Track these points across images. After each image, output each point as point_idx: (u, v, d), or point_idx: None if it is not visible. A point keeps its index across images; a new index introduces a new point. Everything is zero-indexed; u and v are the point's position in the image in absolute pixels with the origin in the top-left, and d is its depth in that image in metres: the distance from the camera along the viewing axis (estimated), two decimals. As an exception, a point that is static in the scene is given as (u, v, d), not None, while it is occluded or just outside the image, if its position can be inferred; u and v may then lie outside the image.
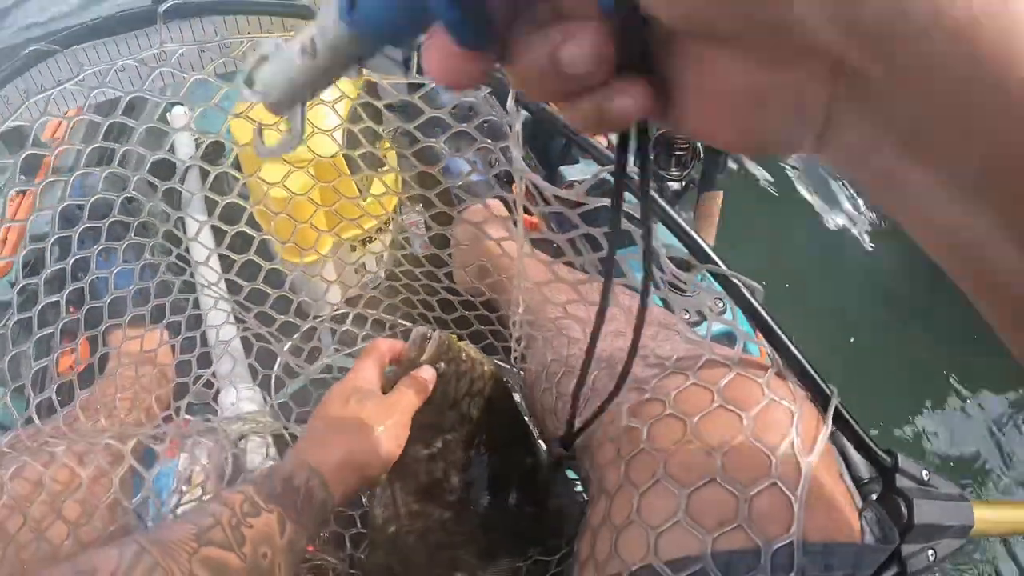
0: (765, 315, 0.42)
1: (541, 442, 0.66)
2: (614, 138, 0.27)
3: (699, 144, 0.74)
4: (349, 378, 0.56)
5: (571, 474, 0.64)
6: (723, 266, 0.43)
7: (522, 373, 0.67)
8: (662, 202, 0.47)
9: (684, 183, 0.75)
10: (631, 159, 0.24)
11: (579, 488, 0.64)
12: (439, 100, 0.63)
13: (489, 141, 0.59)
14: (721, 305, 0.62)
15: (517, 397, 0.66)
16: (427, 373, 0.55)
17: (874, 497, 0.40)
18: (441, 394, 0.57)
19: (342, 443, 0.50)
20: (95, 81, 0.51)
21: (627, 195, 0.26)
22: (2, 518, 0.46)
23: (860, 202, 1.60)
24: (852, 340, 1.40)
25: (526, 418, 0.67)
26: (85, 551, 0.48)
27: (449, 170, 0.69)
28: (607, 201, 0.30)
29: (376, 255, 0.80)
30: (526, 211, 0.55)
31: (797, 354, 0.41)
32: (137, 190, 0.62)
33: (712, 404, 0.38)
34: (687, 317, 0.62)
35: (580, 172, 0.90)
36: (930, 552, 0.40)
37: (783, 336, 0.42)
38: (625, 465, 0.40)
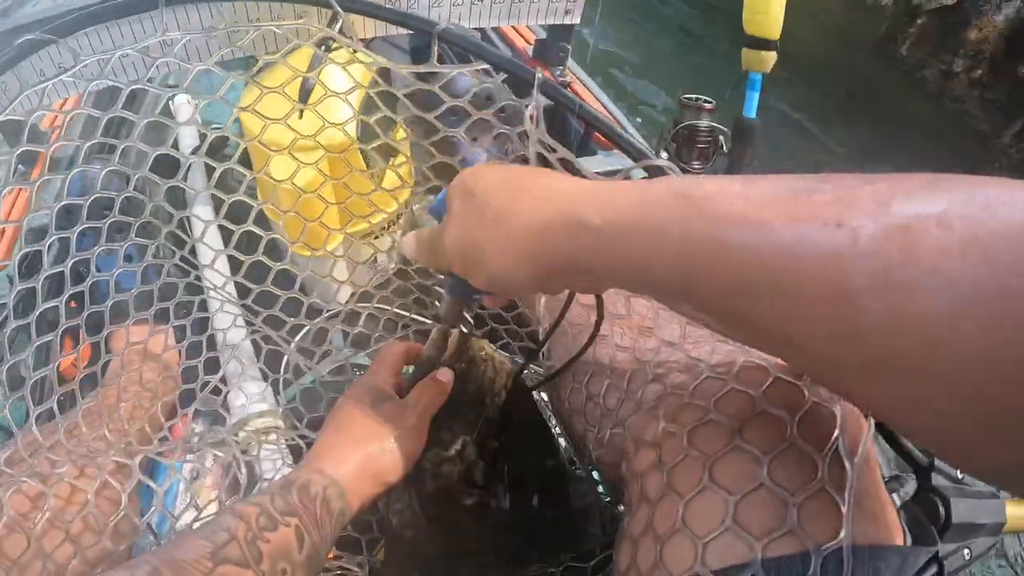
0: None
1: (563, 441, 0.64)
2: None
3: (721, 137, 0.72)
4: (363, 381, 0.54)
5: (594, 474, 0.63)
6: None
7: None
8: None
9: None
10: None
11: (600, 489, 0.63)
12: (456, 87, 0.61)
13: (507, 128, 0.57)
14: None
15: (536, 395, 0.64)
16: (445, 375, 0.54)
17: (904, 495, 0.40)
18: (460, 394, 0.55)
19: (358, 450, 0.48)
20: (95, 70, 0.48)
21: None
22: (0, 537, 0.44)
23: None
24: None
25: (547, 418, 0.65)
26: (94, 573, 0.45)
27: (467, 162, 0.67)
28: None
29: (387, 251, 0.77)
30: None
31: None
32: (140, 184, 0.59)
33: (755, 409, 0.37)
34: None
35: (599, 164, 0.88)
36: (966, 551, 0.40)
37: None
38: (667, 473, 0.38)
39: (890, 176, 0.25)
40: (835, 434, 0.34)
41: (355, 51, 0.54)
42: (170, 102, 0.79)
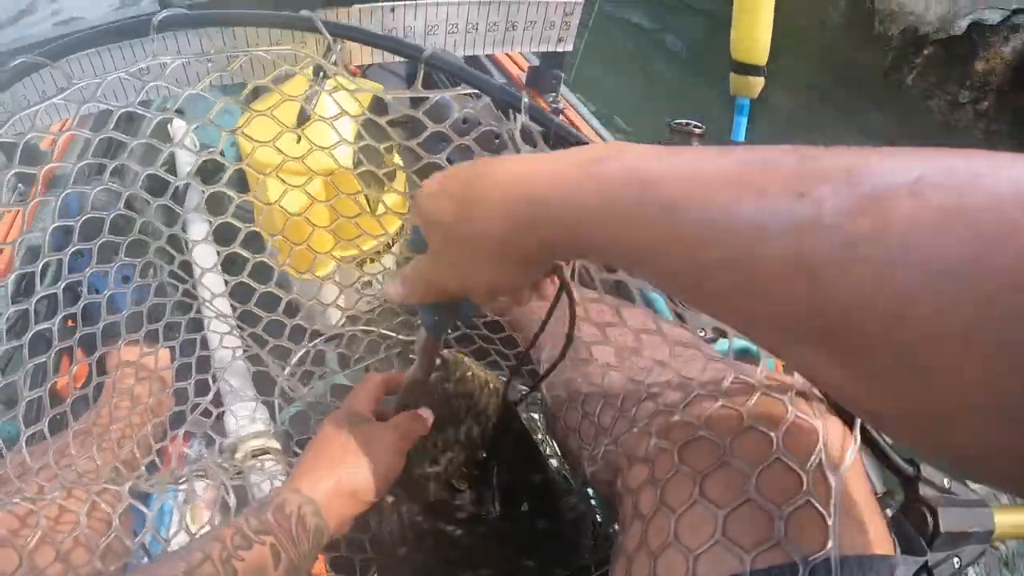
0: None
1: (552, 460, 0.64)
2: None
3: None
4: (343, 407, 0.55)
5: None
6: None
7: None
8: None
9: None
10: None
11: (592, 502, 0.63)
12: (444, 114, 0.62)
13: (487, 153, 0.58)
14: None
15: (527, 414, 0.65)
16: (427, 414, 0.55)
17: (896, 507, 0.40)
18: (447, 412, 0.56)
19: (335, 469, 0.49)
20: (90, 92, 0.49)
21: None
22: None
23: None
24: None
25: (534, 431, 0.65)
26: None
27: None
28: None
29: (376, 276, 0.78)
30: None
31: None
32: (136, 205, 0.60)
33: (742, 425, 0.38)
34: (703, 335, 0.61)
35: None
36: (955, 560, 0.40)
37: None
38: (660, 489, 0.39)
39: (863, 148, 0.23)
40: (818, 447, 0.35)
41: (346, 79, 0.55)
42: (168, 126, 0.81)
